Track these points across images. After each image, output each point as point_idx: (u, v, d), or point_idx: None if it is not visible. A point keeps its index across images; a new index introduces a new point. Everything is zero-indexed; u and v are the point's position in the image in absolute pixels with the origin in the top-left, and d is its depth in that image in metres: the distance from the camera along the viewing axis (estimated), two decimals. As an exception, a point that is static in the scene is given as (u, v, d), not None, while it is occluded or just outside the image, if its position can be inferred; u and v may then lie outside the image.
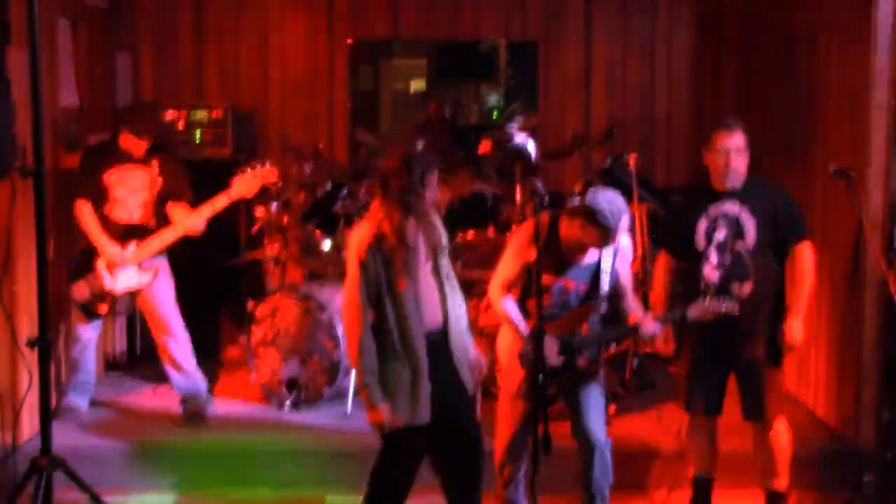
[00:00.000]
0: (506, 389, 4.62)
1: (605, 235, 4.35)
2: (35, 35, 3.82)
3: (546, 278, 4.46)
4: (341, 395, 5.81)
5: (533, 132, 7.26)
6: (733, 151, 4.56)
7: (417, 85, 7.69)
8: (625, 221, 4.38)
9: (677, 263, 4.81)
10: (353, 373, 5.54)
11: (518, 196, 6.19)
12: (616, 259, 4.55)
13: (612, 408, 5.70)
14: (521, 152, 6.36)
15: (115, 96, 6.99)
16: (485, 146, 6.65)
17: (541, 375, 4.01)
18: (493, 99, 7.66)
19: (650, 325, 4.47)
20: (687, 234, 4.67)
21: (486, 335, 5.78)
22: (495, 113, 7.61)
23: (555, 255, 4.48)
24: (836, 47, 5.62)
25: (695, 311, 4.49)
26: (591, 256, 4.51)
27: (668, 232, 4.95)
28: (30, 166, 3.86)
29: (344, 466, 5.24)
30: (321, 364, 5.82)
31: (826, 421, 5.70)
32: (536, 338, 4.09)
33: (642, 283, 5.95)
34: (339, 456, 5.32)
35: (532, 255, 4.24)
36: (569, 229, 4.44)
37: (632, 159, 6.11)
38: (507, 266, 4.58)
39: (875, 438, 5.11)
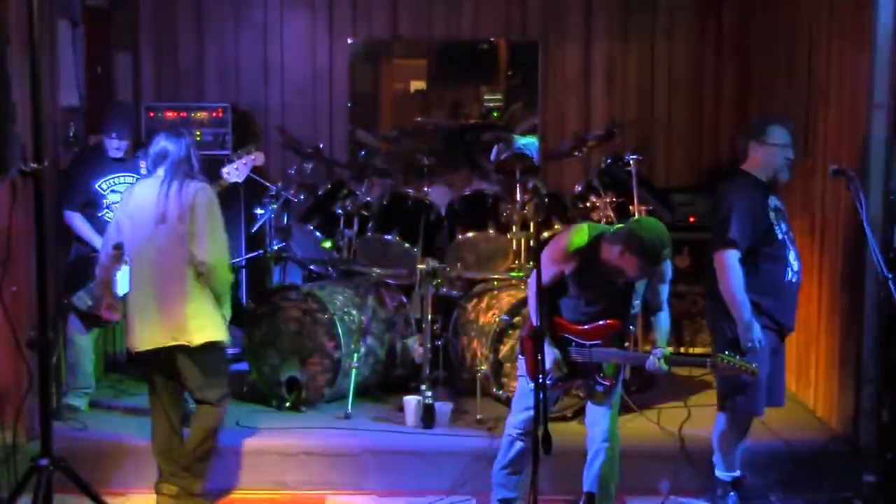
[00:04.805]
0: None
1: (644, 268, 4.31)
2: (35, 35, 3.82)
3: (580, 292, 4.46)
4: (341, 396, 5.81)
5: (534, 131, 7.29)
6: None
7: (417, 85, 7.68)
8: (667, 252, 4.31)
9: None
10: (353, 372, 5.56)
11: (518, 196, 6.18)
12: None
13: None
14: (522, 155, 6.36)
15: (115, 96, 6.99)
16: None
17: (542, 376, 4.00)
18: (494, 99, 7.65)
19: (654, 363, 4.37)
20: (767, 226, 4.70)
21: (485, 334, 5.78)
22: (495, 113, 7.60)
23: (592, 272, 4.42)
24: (836, 47, 5.62)
25: (723, 371, 4.44)
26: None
27: (746, 226, 4.66)
28: (30, 166, 3.85)
29: (344, 466, 5.25)
30: (321, 364, 5.82)
31: (826, 421, 5.70)
32: (537, 338, 4.08)
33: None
34: (339, 456, 5.32)
35: (567, 267, 4.37)
36: (608, 253, 4.36)
37: (631, 160, 6.09)
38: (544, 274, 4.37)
39: (875, 438, 5.11)
